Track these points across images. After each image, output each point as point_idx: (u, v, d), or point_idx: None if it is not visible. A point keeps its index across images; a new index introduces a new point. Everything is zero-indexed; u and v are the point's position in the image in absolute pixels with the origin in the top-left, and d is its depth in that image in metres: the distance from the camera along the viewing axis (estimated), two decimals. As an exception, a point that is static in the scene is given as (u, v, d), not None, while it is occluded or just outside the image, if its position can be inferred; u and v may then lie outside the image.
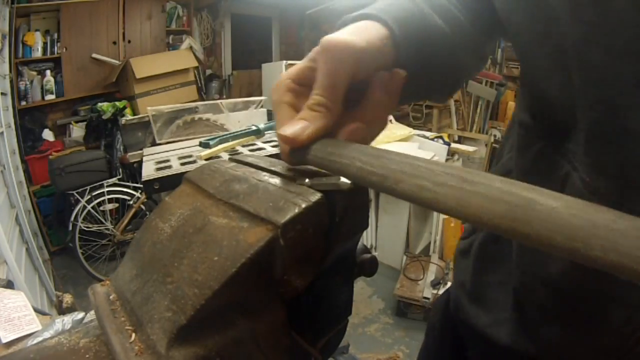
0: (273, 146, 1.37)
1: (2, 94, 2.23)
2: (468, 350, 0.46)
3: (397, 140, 2.25)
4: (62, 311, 1.29)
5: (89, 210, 2.35)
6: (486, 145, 3.66)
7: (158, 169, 1.21)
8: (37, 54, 2.77)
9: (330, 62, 0.27)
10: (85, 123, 2.90)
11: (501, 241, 0.39)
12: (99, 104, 2.84)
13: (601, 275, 0.27)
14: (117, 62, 3.10)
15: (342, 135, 0.27)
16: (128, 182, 2.60)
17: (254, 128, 1.52)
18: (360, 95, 0.30)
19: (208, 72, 3.96)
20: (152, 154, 1.47)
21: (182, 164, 1.25)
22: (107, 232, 2.42)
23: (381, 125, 0.32)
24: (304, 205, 0.24)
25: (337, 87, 0.27)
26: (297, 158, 0.28)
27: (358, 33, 0.28)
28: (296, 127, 0.27)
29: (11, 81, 2.44)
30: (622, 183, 0.24)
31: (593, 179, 0.26)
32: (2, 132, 2.08)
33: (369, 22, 0.30)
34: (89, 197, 2.35)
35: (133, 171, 2.65)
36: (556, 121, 0.29)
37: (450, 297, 0.49)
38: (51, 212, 2.64)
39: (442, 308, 0.53)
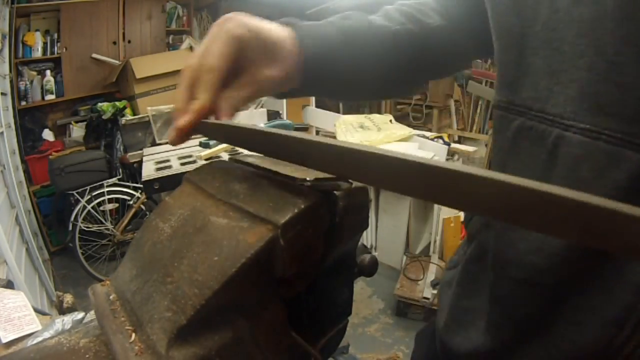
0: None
1: (2, 94, 2.23)
2: None
3: (397, 140, 2.25)
4: (63, 311, 1.29)
5: (89, 210, 2.34)
6: (486, 145, 3.66)
7: (158, 169, 1.21)
8: (37, 54, 2.77)
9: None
10: (85, 123, 2.90)
11: (484, 258, 0.39)
12: (99, 104, 2.83)
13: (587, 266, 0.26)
14: (117, 62, 3.10)
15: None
16: (128, 182, 2.59)
17: (254, 128, 1.52)
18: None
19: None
20: (152, 154, 1.47)
21: (182, 164, 1.25)
22: (107, 232, 2.42)
23: None
24: (303, 206, 0.24)
25: None
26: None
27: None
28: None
29: (11, 81, 2.44)
30: (625, 118, 0.25)
31: (595, 124, 0.26)
32: (2, 132, 2.08)
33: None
34: (89, 197, 2.35)
35: (133, 171, 2.65)
36: (538, 89, 0.30)
37: (436, 330, 0.47)
38: (51, 212, 2.64)
39: (426, 344, 0.51)
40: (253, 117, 1.99)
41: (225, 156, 1.32)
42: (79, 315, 0.89)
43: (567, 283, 0.29)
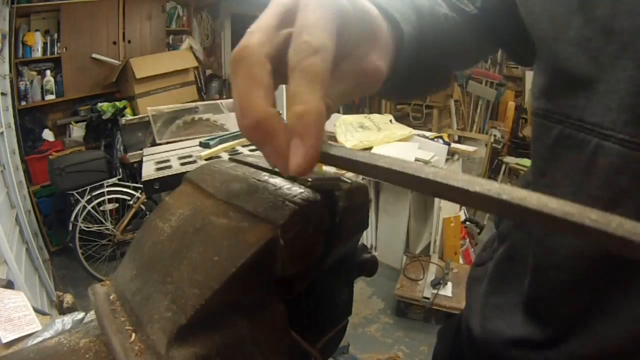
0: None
1: (2, 94, 2.23)
2: None
3: (397, 140, 2.25)
4: (63, 311, 1.29)
5: (89, 210, 2.34)
6: (486, 145, 3.66)
7: (158, 169, 1.21)
8: (37, 54, 2.77)
9: None
10: (85, 123, 2.90)
11: (517, 258, 0.40)
12: (99, 104, 2.84)
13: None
14: (117, 62, 3.10)
15: None
16: (128, 182, 2.59)
17: (254, 128, 1.52)
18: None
19: (208, 72, 3.96)
20: (152, 154, 1.47)
21: (182, 164, 1.26)
22: (107, 232, 2.42)
23: None
24: (304, 206, 0.24)
25: None
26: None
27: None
28: None
29: (11, 81, 2.44)
30: None
31: (633, 135, 0.27)
32: (2, 132, 2.08)
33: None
34: (89, 197, 2.35)
35: (133, 171, 2.65)
36: (576, 98, 0.30)
37: (462, 326, 0.49)
38: (51, 212, 2.64)
39: (450, 338, 0.52)
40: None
41: (225, 156, 1.32)
42: (79, 315, 0.89)
43: (608, 282, 0.31)
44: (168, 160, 1.32)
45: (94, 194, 2.37)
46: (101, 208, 2.41)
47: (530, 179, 0.38)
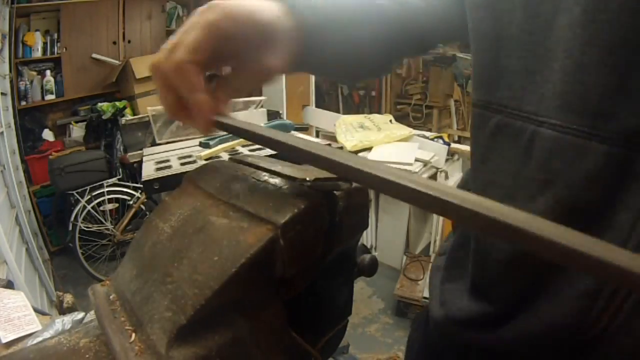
0: (273, 146, 1.37)
1: (2, 94, 2.22)
2: None
3: (397, 140, 2.25)
4: (63, 311, 1.29)
5: (89, 210, 2.34)
6: (486, 145, 3.66)
7: (158, 169, 1.21)
8: (37, 54, 2.77)
9: None
10: (85, 123, 2.90)
11: (465, 244, 0.42)
12: (99, 104, 2.84)
13: None
14: (117, 62, 3.09)
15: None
16: (128, 182, 2.59)
17: (254, 128, 1.52)
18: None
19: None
20: (152, 154, 1.47)
21: (182, 164, 1.26)
22: (107, 232, 2.42)
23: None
24: (303, 206, 0.24)
25: None
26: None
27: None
28: None
29: (11, 81, 2.44)
30: (589, 113, 0.27)
31: (564, 119, 0.29)
32: (2, 132, 2.08)
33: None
34: (89, 197, 2.35)
35: (133, 171, 2.65)
36: (514, 89, 0.32)
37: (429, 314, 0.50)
38: (51, 212, 2.64)
39: (422, 327, 0.54)
40: (253, 117, 1.99)
41: (225, 156, 1.32)
42: (79, 315, 0.89)
43: (549, 261, 0.31)
44: (168, 160, 1.32)
45: (94, 194, 2.36)
46: (101, 208, 2.41)
47: (472, 167, 0.40)
